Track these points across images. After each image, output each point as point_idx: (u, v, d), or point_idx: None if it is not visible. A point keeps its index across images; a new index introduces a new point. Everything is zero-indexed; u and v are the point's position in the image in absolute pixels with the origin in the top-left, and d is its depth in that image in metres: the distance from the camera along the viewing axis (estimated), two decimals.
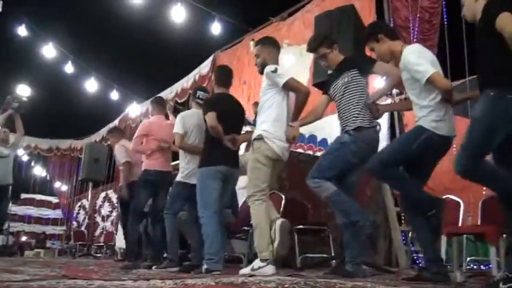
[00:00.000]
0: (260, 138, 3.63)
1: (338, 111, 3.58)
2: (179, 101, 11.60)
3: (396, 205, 5.08)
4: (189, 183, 4.56)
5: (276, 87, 3.69)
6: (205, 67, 11.21)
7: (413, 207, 3.16)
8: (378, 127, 3.51)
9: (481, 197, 4.72)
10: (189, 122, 4.61)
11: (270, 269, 3.41)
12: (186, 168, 4.64)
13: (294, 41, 8.91)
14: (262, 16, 9.90)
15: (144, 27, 12.60)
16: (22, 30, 10.16)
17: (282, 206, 5.31)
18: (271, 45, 3.99)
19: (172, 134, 4.78)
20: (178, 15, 8.14)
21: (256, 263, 3.50)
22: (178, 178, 4.70)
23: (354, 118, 3.41)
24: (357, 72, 3.49)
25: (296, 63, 7.90)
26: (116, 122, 14.99)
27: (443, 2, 6.78)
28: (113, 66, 14.12)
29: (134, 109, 13.24)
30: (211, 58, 11.23)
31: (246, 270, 3.51)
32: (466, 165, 2.61)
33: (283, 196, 5.37)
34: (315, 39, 3.70)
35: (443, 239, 4.30)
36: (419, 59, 3.02)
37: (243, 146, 5.58)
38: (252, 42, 9.35)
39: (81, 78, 11.81)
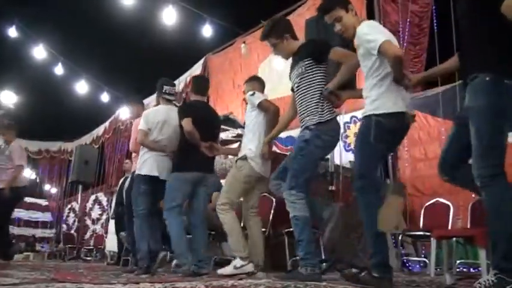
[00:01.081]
0: (244, 158, 3.81)
1: (296, 105, 3.43)
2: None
3: None
4: (140, 175, 4.54)
5: (256, 108, 3.88)
6: (196, 69, 11.22)
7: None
8: (338, 116, 3.38)
9: (470, 200, 4.76)
10: (153, 118, 4.57)
11: (250, 267, 3.62)
12: (140, 161, 4.59)
13: None
14: (253, 19, 9.90)
15: (135, 29, 12.55)
16: (12, 32, 10.09)
17: (273, 208, 5.33)
18: (256, 82, 4.29)
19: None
20: (169, 17, 8.13)
21: (237, 262, 3.67)
22: (137, 172, 4.61)
23: (312, 112, 3.26)
24: (311, 61, 3.32)
25: (286, 65, 7.90)
26: (106, 124, 14.94)
27: (433, 7, 6.84)
28: (104, 68, 14.06)
29: (125, 111, 13.19)
30: (202, 61, 11.24)
31: (228, 270, 3.64)
32: (487, 168, 2.29)
33: (273, 199, 5.38)
34: (263, 30, 3.59)
35: (433, 242, 4.32)
36: (371, 29, 2.84)
37: None
38: (243, 45, 9.37)
39: (71, 80, 11.75)
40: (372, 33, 2.78)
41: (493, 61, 2.36)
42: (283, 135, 7.80)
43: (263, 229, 5.18)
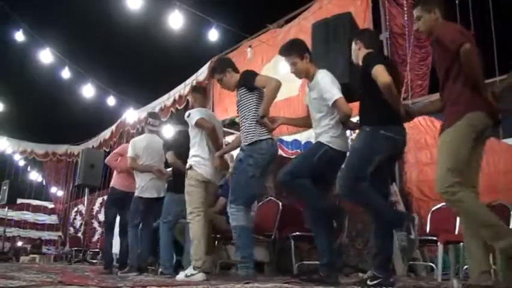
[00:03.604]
0: (190, 168, 4.24)
1: None
2: (178, 108, 11.63)
3: None
4: (143, 197, 5.37)
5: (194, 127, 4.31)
6: (202, 73, 11.23)
7: (316, 216, 3.52)
8: (274, 140, 3.85)
9: None
10: (138, 146, 5.43)
11: (200, 276, 3.90)
12: (139, 185, 5.39)
13: None
14: (259, 23, 9.94)
15: (142, 33, 12.62)
16: (19, 36, 10.13)
17: (279, 213, 5.33)
18: (197, 93, 4.80)
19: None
20: (175, 21, 8.13)
21: (189, 270, 4.00)
22: (135, 193, 5.40)
23: (248, 134, 3.75)
24: (244, 89, 3.84)
25: (290, 69, 7.93)
26: (113, 128, 14.99)
27: None
28: (110, 71, 14.13)
29: (131, 115, 13.23)
30: (208, 64, 11.26)
31: (180, 277, 3.99)
32: (346, 186, 3.19)
33: (279, 203, 5.38)
34: (211, 69, 4.09)
35: (440, 247, 4.31)
36: (331, 83, 3.46)
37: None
38: (249, 49, 9.39)
39: (78, 83, 11.76)
40: (329, 86, 3.45)
41: (373, 116, 3.21)
42: (288, 138, 7.87)
43: (270, 233, 5.23)
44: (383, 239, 3.22)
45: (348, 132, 3.76)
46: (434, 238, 4.56)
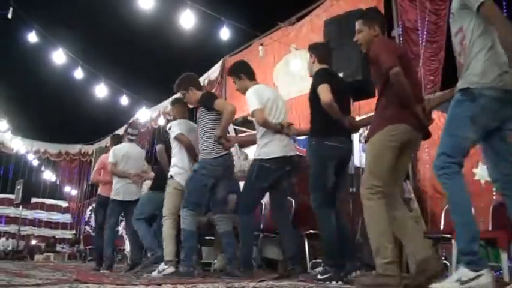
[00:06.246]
0: (171, 177, 4.64)
1: None
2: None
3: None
4: (117, 200, 5.92)
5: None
6: (214, 72, 11.24)
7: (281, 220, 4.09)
8: (230, 154, 4.39)
9: (492, 202, 4.69)
10: (118, 153, 5.97)
11: (170, 269, 4.31)
12: (114, 188, 5.95)
13: (301, 45, 8.90)
14: (270, 21, 9.92)
15: (154, 32, 12.68)
16: (32, 37, 10.19)
17: (292, 211, 5.32)
18: (178, 105, 5.15)
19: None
20: (187, 20, 8.13)
21: (161, 266, 4.41)
22: (111, 196, 5.96)
23: (203, 150, 4.26)
24: (204, 109, 4.34)
25: (302, 67, 7.92)
26: (125, 127, 15.06)
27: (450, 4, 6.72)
28: (123, 71, 14.21)
29: (144, 114, 13.28)
30: (220, 63, 11.26)
31: (154, 274, 4.36)
32: (315, 201, 3.54)
33: (293, 201, 5.37)
34: (175, 84, 4.64)
35: (454, 245, 4.27)
36: (251, 97, 3.94)
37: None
38: (261, 47, 9.38)
39: (90, 83, 11.81)
40: (249, 101, 3.96)
41: (317, 129, 3.64)
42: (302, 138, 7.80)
43: None
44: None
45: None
46: (449, 236, 4.53)
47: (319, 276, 3.42)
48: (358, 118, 4.70)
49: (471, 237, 2.39)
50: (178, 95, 5.10)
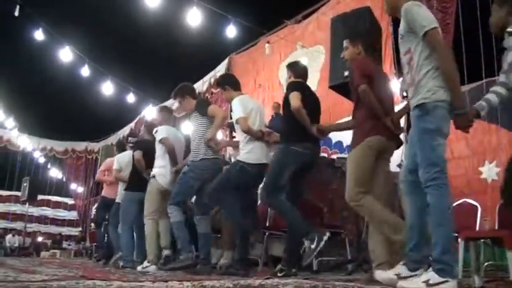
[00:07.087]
0: (153, 176, 5.08)
1: None
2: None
3: None
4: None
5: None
6: (220, 70, 11.26)
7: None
8: (219, 159, 4.64)
9: (498, 200, 4.66)
10: (122, 160, 6.39)
11: (153, 268, 4.81)
12: (120, 192, 6.26)
13: (307, 43, 8.91)
14: (277, 19, 9.91)
15: (160, 30, 12.67)
16: (39, 34, 10.22)
17: (297, 208, 5.30)
18: (164, 112, 5.58)
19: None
20: (193, 18, 8.13)
21: (144, 264, 4.91)
22: (117, 199, 6.33)
23: (195, 153, 4.50)
24: (197, 114, 4.61)
25: (308, 65, 7.91)
26: (132, 125, 15.10)
27: (459, 2, 6.67)
28: (129, 69, 14.23)
29: (150, 112, 13.31)
30: (226, 61, 11.27)
31: (139, 268, 4.85)
32: (264, 191, 3.87)
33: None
34: (173, 93, 4.93)
35: (461, 243, 4.25)
36: (237, 105, 4.16)
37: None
38: (267, 45, 9.38)
39: (97, 81, 11.84)
40: (234, 110, 4.18)
41: (286, 135, 3.91)
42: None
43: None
44: (289, 241, 3.93)
45: None
46: (455, 234, 4.51)
47: (278, 274, 3.68)
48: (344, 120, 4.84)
49: (448, 249, 2.48)
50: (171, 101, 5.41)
